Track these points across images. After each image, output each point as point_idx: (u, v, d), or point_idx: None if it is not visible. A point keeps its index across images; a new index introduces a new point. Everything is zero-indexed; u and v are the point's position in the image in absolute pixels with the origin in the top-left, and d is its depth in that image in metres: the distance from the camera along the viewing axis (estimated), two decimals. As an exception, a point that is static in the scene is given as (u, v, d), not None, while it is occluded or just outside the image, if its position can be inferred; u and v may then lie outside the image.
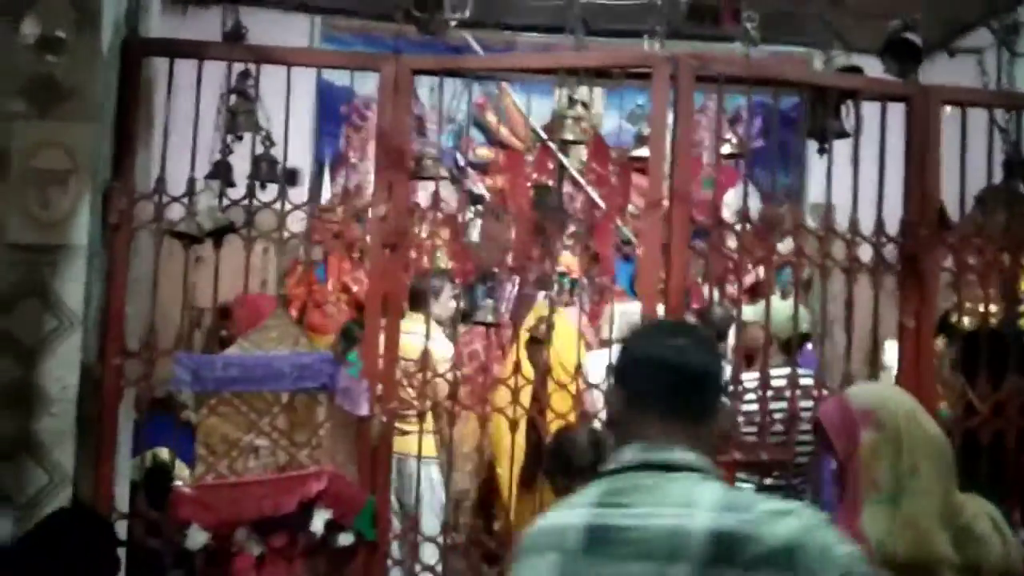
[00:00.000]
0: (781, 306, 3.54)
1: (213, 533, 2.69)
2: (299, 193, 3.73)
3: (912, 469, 1.84)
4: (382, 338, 3.14)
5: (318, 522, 2.60)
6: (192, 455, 3.08)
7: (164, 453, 3.38)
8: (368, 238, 3.28)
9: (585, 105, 4.13)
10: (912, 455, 1.85)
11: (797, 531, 1.27)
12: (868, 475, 1.84)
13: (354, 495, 2.81)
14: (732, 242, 3.26)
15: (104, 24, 2.97)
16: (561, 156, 5.75)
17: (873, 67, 3.40)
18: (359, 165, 6.26)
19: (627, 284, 6.74)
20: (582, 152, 6.40)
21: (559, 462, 2.47)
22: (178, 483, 2.82)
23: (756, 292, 4.26)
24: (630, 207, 6.52)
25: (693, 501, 1.30)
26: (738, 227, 3.19)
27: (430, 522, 3.60)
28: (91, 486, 2.99)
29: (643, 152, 3.23)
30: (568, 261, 5.51)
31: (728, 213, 3.99)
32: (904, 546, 1.81)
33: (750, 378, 3.25)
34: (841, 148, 3.27)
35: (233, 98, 3.25)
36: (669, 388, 1.39)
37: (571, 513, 1.37)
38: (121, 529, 3.08)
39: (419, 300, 3.84)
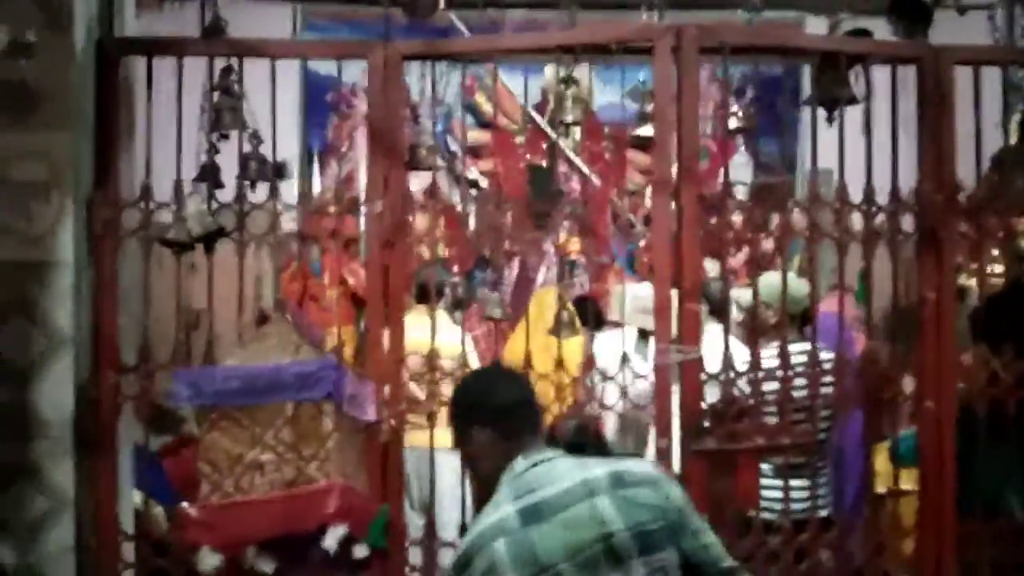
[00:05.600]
0: (791, 281, 3.42)
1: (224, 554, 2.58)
2: (288, 186, 3.60)
3: None
4: (386, 338, 3.02)
5: (332, 538, 2.49)
6: (163, 491, 2.99)
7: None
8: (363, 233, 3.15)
9: (577, 82, 3.98)
10: None
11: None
12: None
13: (366, 506, 2.70)
14: (737, 216, 3.15)
15: (76, 24, 2.82)
16: (554, 135, 5.61)
17: (880, 30, 3.26)
18: (349, 154, 6.14)
19: (627, 263, 6.62)
20: (575, 130, 6.26)
21: None
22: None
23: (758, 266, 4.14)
24: (628, 185, 6.40)
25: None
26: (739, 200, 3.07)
27: (452, 520, 3.45)
28: (93, 508, 2.90)
29: (647, 131, 3.10)
30: (566, 242, 5.36)
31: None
32: None
33: (768, 356, 3.13)
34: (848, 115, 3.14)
35: (216, 95, 3.10)
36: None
37: None
38: (128, 551, 3.00)
39: (425, 293, 3.69)
